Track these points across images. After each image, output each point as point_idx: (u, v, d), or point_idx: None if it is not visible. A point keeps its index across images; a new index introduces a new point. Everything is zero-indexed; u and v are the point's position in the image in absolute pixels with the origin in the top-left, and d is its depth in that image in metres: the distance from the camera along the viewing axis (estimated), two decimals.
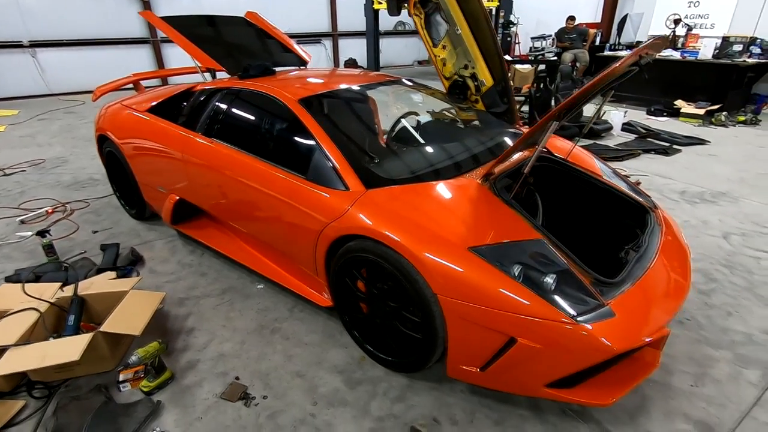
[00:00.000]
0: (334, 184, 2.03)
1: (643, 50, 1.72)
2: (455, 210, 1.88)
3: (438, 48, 3.32)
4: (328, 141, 2.15)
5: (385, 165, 2.22)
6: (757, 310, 2.44)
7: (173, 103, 3.16)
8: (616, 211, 2.40)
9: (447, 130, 2.83)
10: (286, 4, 12.37)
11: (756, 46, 7.17)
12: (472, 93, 3.26)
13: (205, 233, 2.97)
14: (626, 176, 4.44)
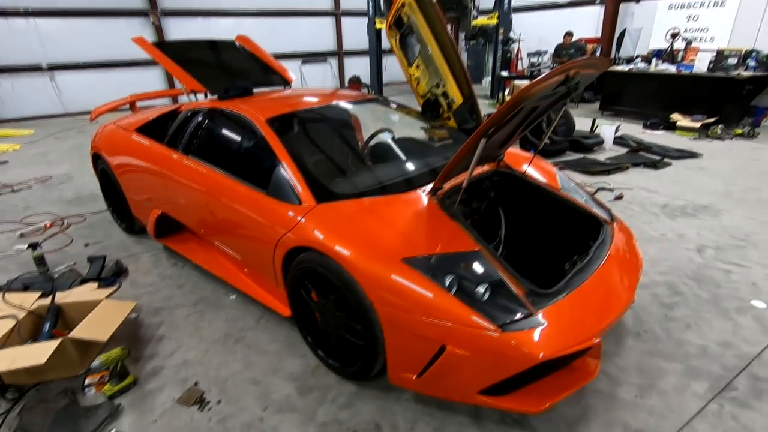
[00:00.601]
0: (290, 198, 2.14)
1: (572, 69, 1.80)
2: (397, 223, 1.97)
3: (413, 67, 3.46)
4: (287, 157, 2.27)
5: (340, 180, 2.34)
6: (717, 323, 2.44)
7: (159, 123, 3.35)
8: (571, 224, 2.46)
9: (408, 148, 2.93)
10: (293, 25, 12.84)
11: (752, 59, 7.15)
12: (444, 110, 3.37)
13: (185, 246, 3.11)
14: (611, 190, 4.49)
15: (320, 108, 2.92)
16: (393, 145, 2.98)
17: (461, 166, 2.00)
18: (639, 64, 8.49)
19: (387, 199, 2.12)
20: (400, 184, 2.29)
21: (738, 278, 2.88)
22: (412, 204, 2.10)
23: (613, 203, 4.18)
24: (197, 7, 11.33)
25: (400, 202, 2.11)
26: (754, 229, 3.57)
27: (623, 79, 8.34)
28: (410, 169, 2.52)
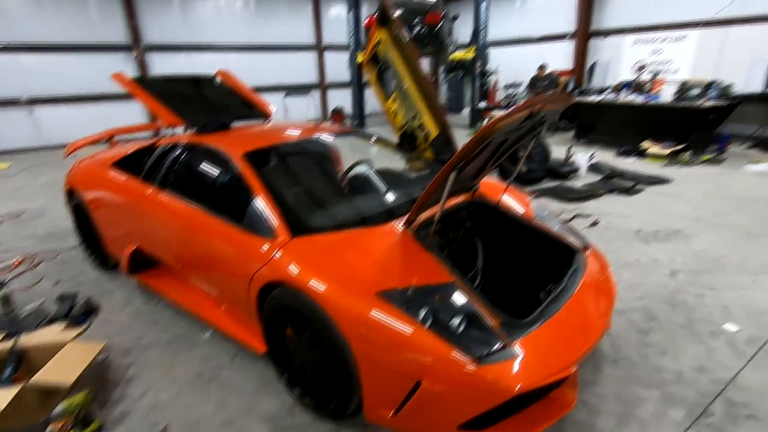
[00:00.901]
0: (264, 232, 2.14)
1: (536, 104, 1.88)
2: (372, 256, 1.98)
3: (390, 101, 3.56)
4: (263, 191, 2.28)
5: (317, 213, 2.35)
6: (691, 348, 2.47)
7: (136, 157, 3.34)
8: (546, 252, 2.50)
9: (385, 179, 2.98)
10: (277, 59, 13.13)
11: (713, 89, 7.55)
12: (421, 142, 3.45)
13: (160, 282, 3.04)
14: (587, 216, 4.59)
15: (297, 142, 2.96)
16: (370, 177, 3.02)
17: (434, 199, 2.03)
18: (609, 94, 8.89)
19: (362, 232, 2.13)
20: (376, 216, 2.31)
21: (710, 302, 2.94)
22: (387, 236, 2.11)
23: (588, 230, 4.27)
24: (181, 42, 11.53)
25: (375, 235, 2.12)
26: (723, 253, 3.68)
27: (596, 109, 8.70)
28: (387, 201, 2.56)
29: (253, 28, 12.58)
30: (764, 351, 2.43)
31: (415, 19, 9.52)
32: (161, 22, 11.17)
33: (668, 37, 9.78)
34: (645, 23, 10.17)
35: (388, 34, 3.19)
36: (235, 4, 12.23)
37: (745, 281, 3.20)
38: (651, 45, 10.09)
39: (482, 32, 10.59)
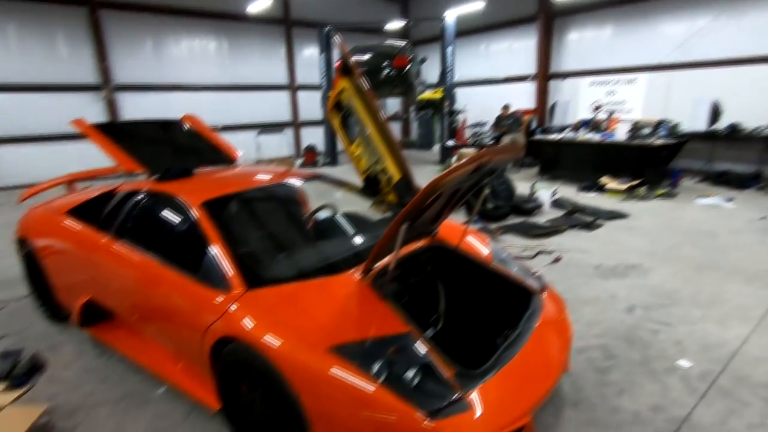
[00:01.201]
0: (219, 284, 2.10)
1: (483, 158, 1.98)
2: (328, 308, 1.97)
3: (354, 146, 3.65)
4: (220, 241, 2.26)
5: (275, 263, 2.34)
6: (648, 386, 2.52)
7: (92, 204, 3.26)
8: (504, 295, 2.55)
9: (347, 225, 3.01)
10: (250, 99, 13.30)
11: (663, 128, 8.08)
12: (384, 186, 3.52)
13: (112, 335, 2.92)
14: (550, 252, 4.72)
15: (260, 188, 2.97)
16: (333, 223, 3.05)
17: (389, 248, 2.06)
18: (569, 132, 9.37)
19: (320, 282, 2.13)
20: (336, 265, 2.31)
21: (664, 337, 3.03)
22: (344, 286, 2.12)
23: (551, 266, 4.38)
24: (152, 82, 11.56)
25: (332, 285, 2.12)
26: (676, 287, 3.84)
27: (557, 146, 9.13)
28: (347, 248, 2.57)
29: (227, 68, 12.78)
30: (715, 387, 2.50)
31: (384, 62, 9.91)
32: (132, 62, 11.22)
33: (621, 79, 10.50)
34: (599, 67, 10.91)
35: (350, 83, 3.31)
36: (209, 45, 12.44)
37: (697, 315, 3.33)
38: (606, 86, 10.79)
39: (449, 74, 11.10)
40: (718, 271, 4.15)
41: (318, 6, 13.67)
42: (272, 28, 13.38)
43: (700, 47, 9.13)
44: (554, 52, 11.88)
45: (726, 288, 3.79)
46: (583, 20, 11.16)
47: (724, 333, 3.07)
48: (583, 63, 11.28)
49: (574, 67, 11.52)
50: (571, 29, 11.49)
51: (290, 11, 13.48)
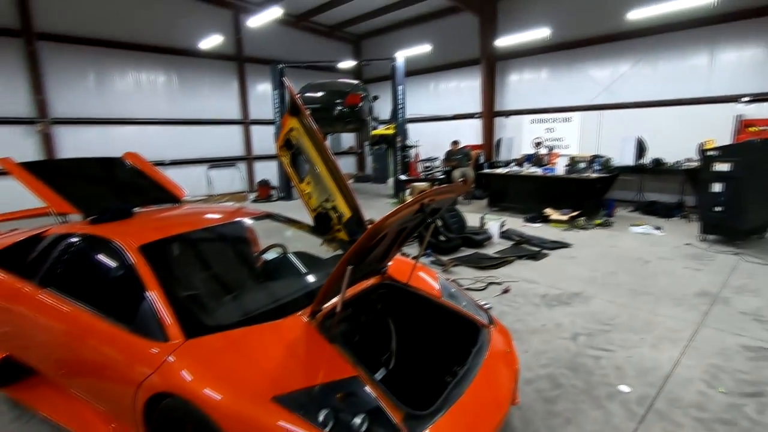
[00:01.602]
0: (155, 334, 1.99)
1: (426, 198, 2.05)
2: (273, 355, 1.91)
3: (303, 184, 3.65)
4: (157, 287, 2.15)
5: (217, 309, 2.25)
6: (592, 413, 2.61)
7: (16, 249, 3.01)
8: (453, 331, 2.58)
9: (297, 265, 2.97)
10: (201, 133, 13.03)
11: (596, 163, 8.75)
12: (335, 223, 3.53)
13: (33, 395, 2.64)
14: (500, 283, 4.87)
15: (205, 229, 2.88)
16: (282, 263, 3.00)
17: (336, 289, 2.05)
18: (515, 166, 9.91)
19: (265, 328, 2.07)
20: (284, 307, 2.26)
21: (606, 363, 3.18)
22: (290, 330, 2.07)
23: (501, 297, 4.51)
24: (93, 115, 11.07)
25: (278, 329, 2.06)
26: (615, 313, 4.06)
27: (504, 180, 9.61)
28: (296, 288, 2.52)
29: (177, 101, 12.51)
30: (653, 410, 2.64)
31: (337, 99, 10.14)
32: (72, 94, 10.73)
33: (558, 117, 11.35)
34: (538, 106, 11.76)
35: (299, 122, 3.36)
36: (158, 79, 12.18)
37: (634, 340, 3.53)
38: (545, 124, 11.61)
39: (401, 111, 11.51)
40: (650, 296, 4.46)
41: (271, 44, 13.89)
42: (225, 64, 13.38)
43: (623, 90, 10.12)
44: (498, 92, 12.69)
45: (658, 311, 4.07)
46: (521, 64, 12.08)
47: (658, 356, 3.27)
48: (524, 102, 12.12)
49: (516, 106, 12.34)
50: (512, 72, 12.37)
51: (243, 48, 13.58)
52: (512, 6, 11.62)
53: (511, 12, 11.63)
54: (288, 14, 13.23)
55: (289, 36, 14.45)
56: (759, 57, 8.43)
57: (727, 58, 8.79)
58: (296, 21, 14.37)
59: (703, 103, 9.01)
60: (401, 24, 14.48)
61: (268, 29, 12.64)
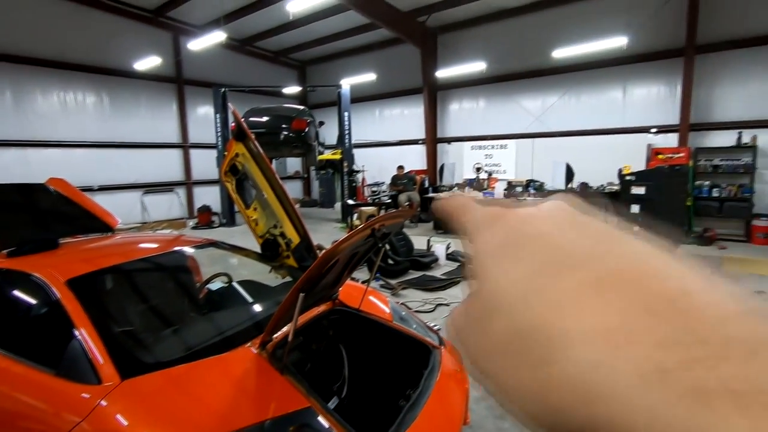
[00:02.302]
0: (86, 377, 1.81)
1: (377, 223, 2.10)
2: (220, 391, 1.82)
3: (250, 210, 3.57)
4: (89, 326, 1.98)
5: (156, 346, 2.11)
6: None
7: None
8: (405, 354, 2.60)
9: (243, 295, 2.88)
10: (135, 156, 12.34)
11: (531, 187, 9.37)
12: (284, 249, 3.47)
13: None
14: (447, 305, 4.98)
15: (141, 260, 2.71)
16: (227, 293, 2.88)
17: (287, 317, 2.01)
18: (456, 191, 10.33)
19: (211, 362, 1.96)
20: (231, 339, 2.16)
21: None
22: (238, 363, 1.98)
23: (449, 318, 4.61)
24: (9, 137, 10.11)
25: (224, 364, 1.97)
26: None
27: None
28: (244, 319, 2.43)
29: (108, 123, 11.79)
30: None
31: (282, 124, 10.10)
32: None
33: (495, 144, 12.07)
34: (477, 134, 12.45)
35: (245, 147, 3.31)
36: (87, 100, 11.45)
37: None
38: (484, 150, 12.29)
39: (347, 136, 11.66)
40: None
41: (214, 67, 13.63)
42: (163, 86, 12.89)
43: (552, 120, 11.02)
44: (440, 120, 13.29)
45: None
46: (461, 94, 12.79)
47: None
48: (465, 130, 12.79)
49: (457, 133, 12.97)
50: (453, 101, 13.06)
51: (183, 71, 13.18)
52: (451, 40, 12.37)
53: (450, 45, 12.37)
54: (232, 38, 13.11)
55: (233, 60, 14.28)
56: (663, 93, 9.60)
57: (638, 93, 9.92)
58: (240, 45, 14.27)
59: (620, 132, 10.04)
60: (347, 52, 14.86)
61: (210, 52, 12.40)
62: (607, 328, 0.17)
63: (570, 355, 0.17)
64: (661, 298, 0.17)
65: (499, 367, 0.20)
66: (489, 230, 0.23)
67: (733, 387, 0.14)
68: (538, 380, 0.18)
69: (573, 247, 0.20)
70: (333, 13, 11.35)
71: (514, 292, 0.20)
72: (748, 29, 8.47)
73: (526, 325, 0.19)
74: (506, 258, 0.21)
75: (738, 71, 8.75)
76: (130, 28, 11.83)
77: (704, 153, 9.14)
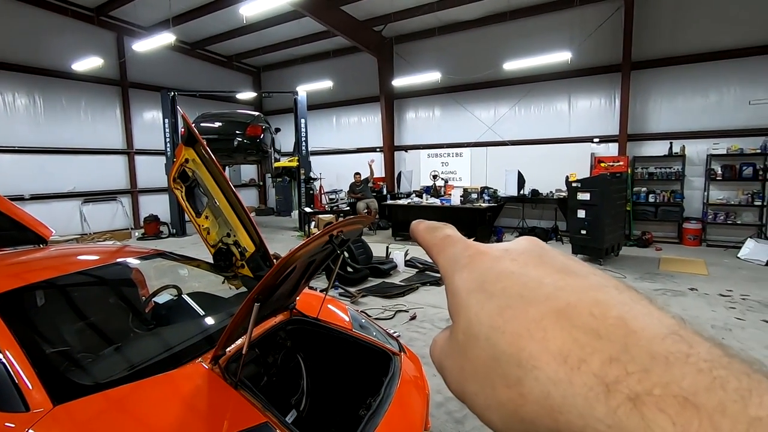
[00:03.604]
0: (11, 405, 1.63)
1: (335, 229, 2.06)
2: (169, 411, 1.70)
3: (201, 218, 3.40)
4: (15, 348, 1.79)
5: (95, 365, 1.94)
6: None
7: None
8: (366, 361, 2.57)
9: (194, 307, 2.73)
10: (72, 163, 11.48)
11: (486, 194, 9.66)
12: (238, 259, 3.33)
13: None
14: (406, 311, 5.00)
15: (78, 273, 2.49)
16: (176, 306, 2.72)
17: (242, 329, 1.92)
18: (414, 198, 10.46)
19: (157, 380, 1.83)
20: (178, 356, 2.03)
21: None
22: (188, 380, 1.86)
23: (408, 324, 4.62)
24: None
25: (172, 381, 1.84)
26: None
27: (405, 210, 10.06)
28: (193, 333, 2.30)
29: (41, 127, 10.90)
30: None
31: (236, 130, 9.80)
32: None
33: (450, 152, 12.36)
34: (433, 142, 12.71)
35: (195, 153, 3.16)
36: (16, 102, 10.54)
37: None
38: (440, 158, 12.54)
39: (303, 143, 11.51)
40: None
41: (162, 70, 13.04)
42: (105, 88, 12.12)
43: (504, 129, 11.46)
44: (397, 128, 13.45)
45: None
46: (417, 103, 13.03)
47: None
48: (421, 138, 13.01)
49: (414, 141, 13.18)
50: (409, 109, 13.27)
51: (127, 73, 12.48)
52: (407, 50, 12.59)
53: (406, 55, 12.58)
54: (181, 41, 12.62)
55: (183, 63, 13.73)
56: (604, 105, 10.27)
57: (582, 105, 10.55)
58: (191, 48, 13.76)
59: (566, 142, 10.61)
60: (303, 59, 14.73)
61: (158, 55, 11.85)
62: (565, 350, 0.20)
63: (536, 375, 0.21)
64: (606, 325, 0.20)
65: (479, 387, 0.24)
66: (466, 269, 0.27)
67: (655, 393, 0.18)
68: (513, 397, 0.21)
69: (537, 284, 0.24)
70: (289, 19, 11.23)
71: (489, 323, 0.24)
72: (675, 49, 9.27)
73: (500, 351, 0.22)
74: (482, 294, 0.25)
75: (668, 87, 9.53)
76: (67, 26, 11.06)
77: (641, 161, 9.85)
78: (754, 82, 8.68)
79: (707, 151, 9.05)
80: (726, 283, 6.18)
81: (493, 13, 10.89)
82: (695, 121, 9.30)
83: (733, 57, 8.75)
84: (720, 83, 9.03)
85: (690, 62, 9.17)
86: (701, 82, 9.20)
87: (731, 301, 5.36)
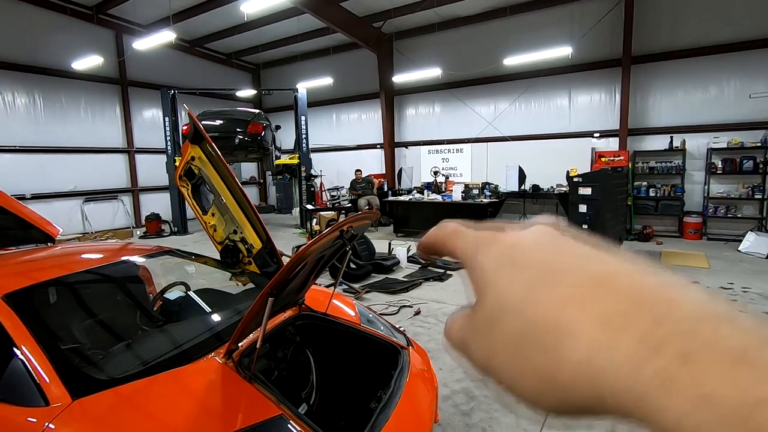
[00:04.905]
0: (30, 399, 1.66)
1: (345, 225, 2.08)
2: (183, 405, 1.73)
3: (207, 215, 3.42)
4: (32, 344, 1.81)
5: (111, 360, 1.97)
6: (504, 419, 2.80)
7: None
8: (374, 356, 2.60)
9: (204, 303, 2.76)
10: (72, 161, 11.48)
11: (487, 189, 9.67)
12: (245, 256, 3.35)
13: None
14: (410, 306, 5.02)
15: (88, 271, 2.52)
16: (186, 303, 2.74)
17: (255, 323, 1.95)
18: (416, 194, 10.47)
19: (172, 375, 1.85)
20: (191, 351, 2.06)
21: None
22: (202, 374, 1.89)
23: (413, 319, 4.66)
24: None
25: (186, 376, 1.87)
26: None
27: (407, 206, 10.08)
28: (205, 329, 2.32)
29: (41, 126, 10.89)
30: None
31: (237, 127, 9.80)
32: None
33: (451, 148, 12.37)
34: (433, 138, 12.71)
35: (202, 151, 3.18)
36: (17, 101, 10.52)
37: None
38: (440, 154, 12.55)
39: (304, 141, 11.51)
40: None
41: (162, 68, 13.02)
42: (105, 87, 12.10)
43: (504, 125, 11.46)
44: (397, 124, 13.44)
45: None
46: (417, 99, 13.02)
47: None
48: (422, 134, 13.01)
49: (415, 138, 13.18)
50: (410, 106, 13.26)
51: (127, 71, 12.46)
52: (407, 46, 12.57)
53: (406, 51, 12.56)
54: (181, 39, 12.58)
55: (183, 61, 13.71)
56: (604, 100, 10.27)
57: (582, 100, 10.55)
58: (190, 46, 13.73)
59: (567, 137, 10.62)
60: (303, 56, 14.70)
61: (158, 53, 11.84)
62: (607, 316, 0.20)
63: (577, 340, 0.21)
64: (646, 293, 0.21)
65: (511, 356, 0.23)
66: (490, 246, 0.27)
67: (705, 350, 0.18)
68: (550, 362, 0.21)
69: (569, 255, 0.24)
70: (288, 16, 11.20)
71: (522, 295, 0.23)
72: (675, 43, 9.27)
73: (534, 320, 0.22)
74: (510, 267, 0.25)
75: (668, 81, 9.54)
76: (66, 25, 11.03)
77: (641, 156, 9.87)
78: (754, 75, 8.69)
79: (707, 144, 9.07)
80: (727, 276, 6.22)
81: (493, 8, 10.88)
82: (695, 115, 9.32)
83: (733, 50, 8.75)
84: (720, 77, 9.04)
85: (690, 56, 9.17)
86: (701, 76, 9.20)
87: (732, 294, 5.40)
